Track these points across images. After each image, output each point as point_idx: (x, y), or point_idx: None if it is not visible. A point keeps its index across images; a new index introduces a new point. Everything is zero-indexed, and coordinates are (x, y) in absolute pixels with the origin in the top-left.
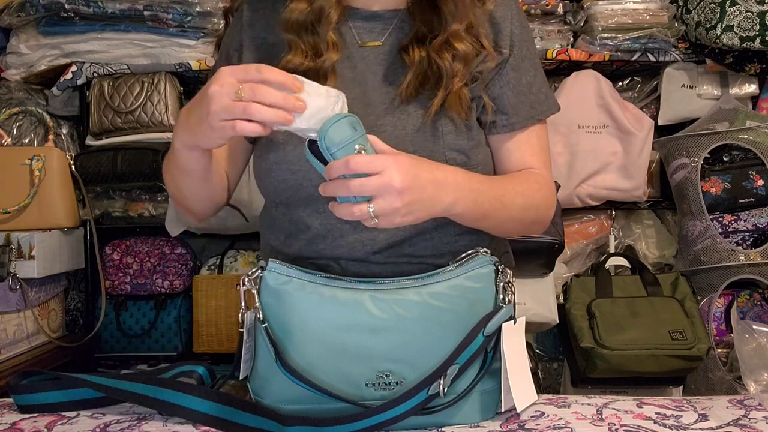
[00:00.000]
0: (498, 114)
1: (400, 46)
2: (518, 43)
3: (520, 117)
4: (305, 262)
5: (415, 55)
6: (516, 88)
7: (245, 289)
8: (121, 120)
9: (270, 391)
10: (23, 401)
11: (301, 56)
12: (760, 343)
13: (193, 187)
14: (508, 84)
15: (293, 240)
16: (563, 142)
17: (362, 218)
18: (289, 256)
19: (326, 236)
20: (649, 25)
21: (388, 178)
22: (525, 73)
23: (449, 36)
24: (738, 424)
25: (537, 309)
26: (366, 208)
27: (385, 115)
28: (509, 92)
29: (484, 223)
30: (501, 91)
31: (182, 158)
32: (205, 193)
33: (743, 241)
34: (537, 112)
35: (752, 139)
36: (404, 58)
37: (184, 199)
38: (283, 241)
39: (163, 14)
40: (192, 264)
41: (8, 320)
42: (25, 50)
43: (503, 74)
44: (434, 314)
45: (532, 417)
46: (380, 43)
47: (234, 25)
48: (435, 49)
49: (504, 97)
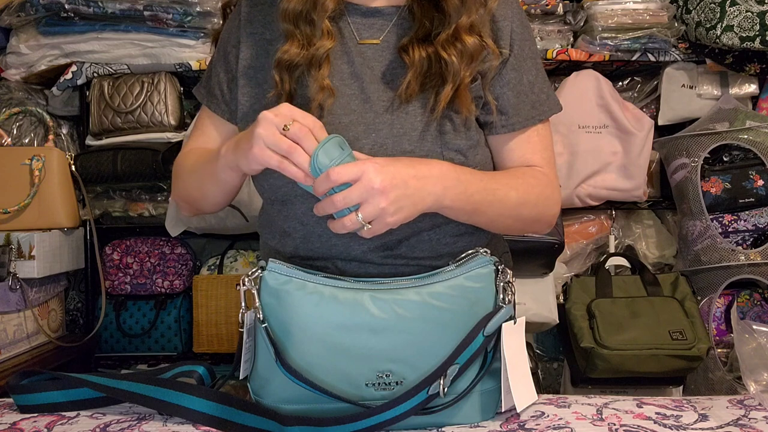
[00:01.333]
0: (498, 114)
1: (400, 45)
2: (519, 42)
3: (521, 117)
4: (302, 262)
5: (415, 54)
6: (517, 88)
7: (245, 289)
8: (121, 120)
9: (270, 391)
10: (23, 401)
11: (297, 46)
12: (760, 343)
13: (217, 194)
14: (508, 84)
15: (289, 238)
16: (563, 142)
17: (354, 228)
18: (286, 255)
19: (321, 234)
20: (649, 25)
21: (368, 181)
22: (526, 73)
23: (456, 30)
24: (738, 424)
25: (537, 309)
26: (355, 217)
27: (383, 114)
28: (509, 92)
29: (479, 218)
30: (501, 91)
31: (222, 173)
32: (222, 198)
33: (743, 241)
34: (538, 112)
35: (752, 139)
36: (404, 58)
37: (200, 200)
38: (279, 239)
39: (163, 14)
40: (192, 264)
41: (8, 320)
42: (25, 50)
43: (503, 74)
44: (434, 314)
45: (532, 417)
46: (379, 41)
47: (232, 21)
48: (440, 44)
49: (504, 97)
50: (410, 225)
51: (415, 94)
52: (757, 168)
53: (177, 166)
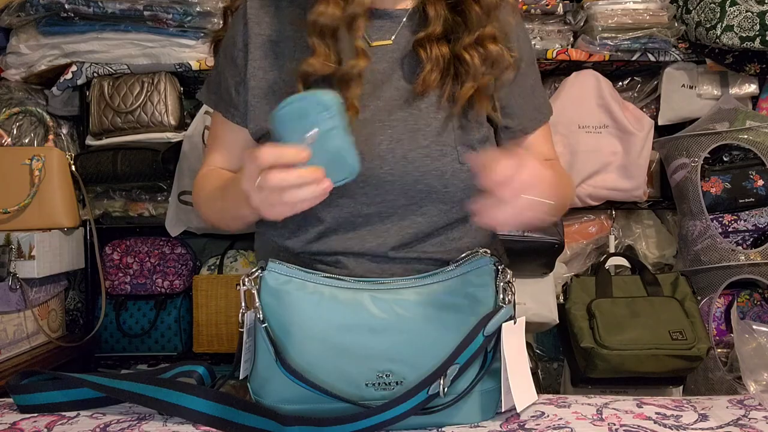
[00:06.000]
0: (508, 118)
1: (415, 39)
2: (523, 47)
3: (529, 120)
4: (312, 258)
5: (432, 50)
6: (524, 92)
7: (245, 289)
8: (121, 120)
9: (270, 391)
10: (23, 401)
11: (323, 60)
12: (760, 343)
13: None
14: (518, 88)
15: (302, 234)
16: (563, 142)
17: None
18: (294, 252)
19: (338, 229)
20: (649, 25)
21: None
22: (530, 78)
23: (480, 38)
24: (738, 424)
25: (537, 309)
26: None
27: (396, 111)
28: (518, 96)
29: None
30: (511, 95)
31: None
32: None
33: (743, 241)
34: (543, 115)
35: (752, 139)
36: (420, 53)
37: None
38: (289, 236)
39: (163, 14)
40: (192, 264)
41: (8, 320)
42: (25, 50)
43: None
44: (434, 314)
45: (532, 417)
46: (391, 41)
47: (237, 24)
48: (462, 47)
49: (514, 101)
50: (427, 222)
51: (431, 88)
52: (757, 168)
53: (197, 187)
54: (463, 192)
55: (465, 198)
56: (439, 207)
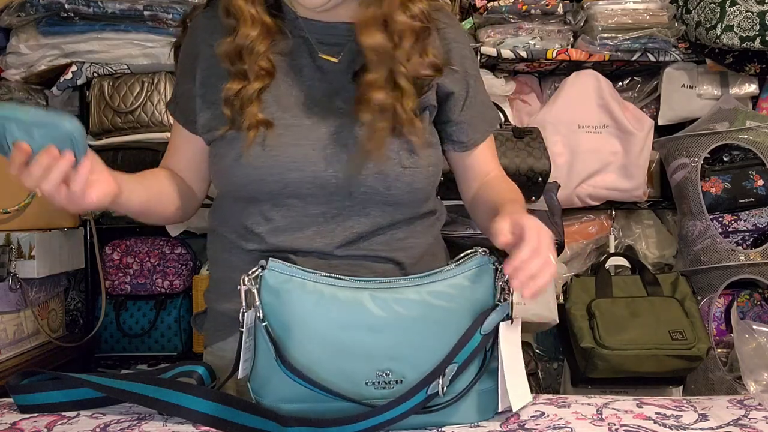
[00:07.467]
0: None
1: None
2: (470, 64)
3: (479, 133)
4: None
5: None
6: (474, 107)
7: (245, 288)
8: (121, 120)
9: (270, 390)
10: (23, 401)
11: (238, 83)
12: (760, 343)
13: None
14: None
15: (251, 234)
16: (563, 142)
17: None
18: (246, 249)
19: (287, 229)
20: (649, 25)
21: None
22: (479, 93)
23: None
24: (738, 424)
25: (537, 309)
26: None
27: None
28: (471, 114)
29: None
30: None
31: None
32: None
33: (743, 241)
34: (491, 126)
35: (752, 139)
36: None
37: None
38: (240, 235)
39: (163, 14)
40: (192, 264)
41: (8, 320)
42: (25, 50)
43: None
44: (434, 313)
45: (532, 417)
46: (337, 60)
47: (191, 34)
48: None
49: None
50: (371, 222)
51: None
52: (757, 168)
53: None
54: (407, 194)
55: (408, 200)
56: (382, 208)
